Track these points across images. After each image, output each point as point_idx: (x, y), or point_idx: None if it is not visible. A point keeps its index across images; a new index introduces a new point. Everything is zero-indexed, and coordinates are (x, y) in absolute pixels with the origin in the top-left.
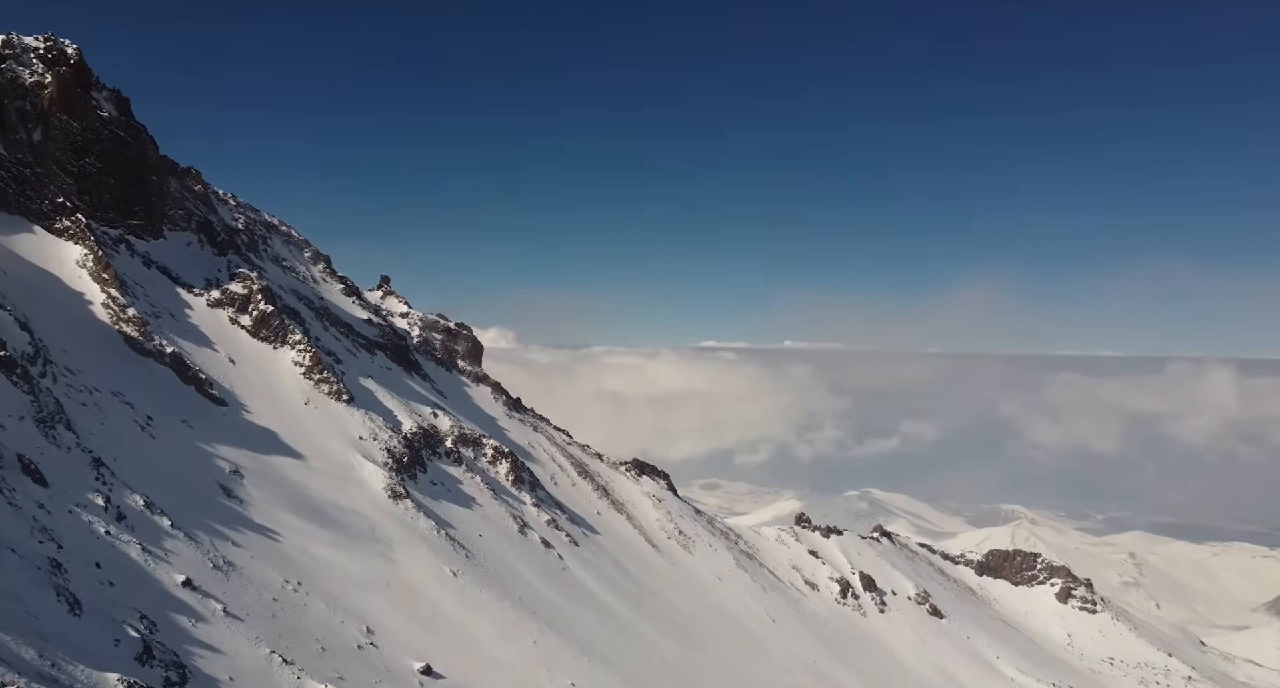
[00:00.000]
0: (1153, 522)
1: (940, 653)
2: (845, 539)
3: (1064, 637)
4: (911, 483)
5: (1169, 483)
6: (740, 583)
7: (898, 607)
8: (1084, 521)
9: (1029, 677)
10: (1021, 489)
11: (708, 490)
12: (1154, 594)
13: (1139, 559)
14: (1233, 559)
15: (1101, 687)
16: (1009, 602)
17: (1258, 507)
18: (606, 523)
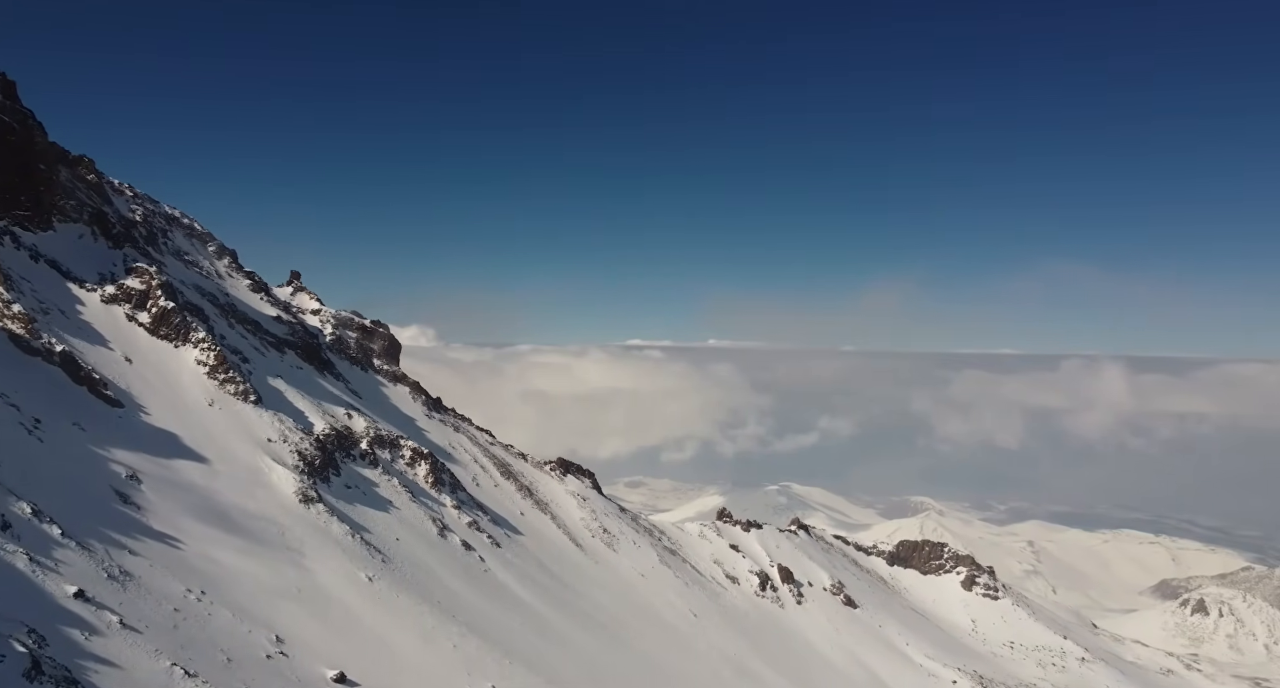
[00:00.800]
0: (1050, 511)
1: (854, 642)
2: (765, 533)
3: (968, 623)
4: (829, 477)
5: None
6: (663, 579)
7: (814, 598)
8: (987, 511)
9: (936, 662)
10: (931, 482)
11: (632, 488)
12: (1051, 580)
13: (1037, 547)
14: (1122, 546)
15: (1003, 670)
16: (918, 590)
17: (1144, 496)
18: (530, 524)
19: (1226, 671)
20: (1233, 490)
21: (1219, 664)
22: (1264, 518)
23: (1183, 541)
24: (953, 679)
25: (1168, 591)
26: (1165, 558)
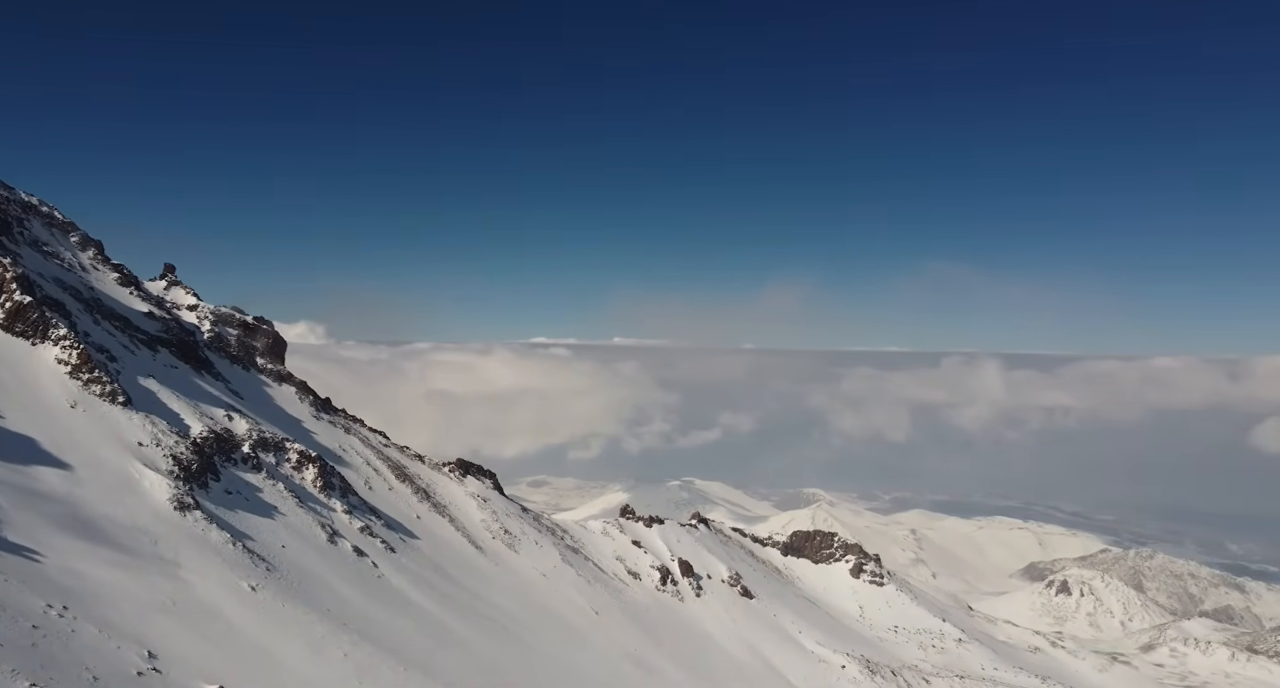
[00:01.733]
0: (931, 501)
1: (750, 632)
2: (666, 528)
3: (856, 609)
4: (730, 472)
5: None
6: (565, 578)
7: (712, 590)
8: (874, 501)
9: (826, 648)
10: (825, 474)
11: (535, 488)
12: (931, 566)
13: (919, 535)
14: (995, 532)
15: (887, 653)
16: (810, 579)
17: (1015, 484)
18: (427, 527)
19: (1087, 647)
20: (1091, 478)
21: (1080, 641)
22: (1119, 503)
23: (1048, 526)
24: (841, 664)
25: (1035, 573)
26: (1033, 542)
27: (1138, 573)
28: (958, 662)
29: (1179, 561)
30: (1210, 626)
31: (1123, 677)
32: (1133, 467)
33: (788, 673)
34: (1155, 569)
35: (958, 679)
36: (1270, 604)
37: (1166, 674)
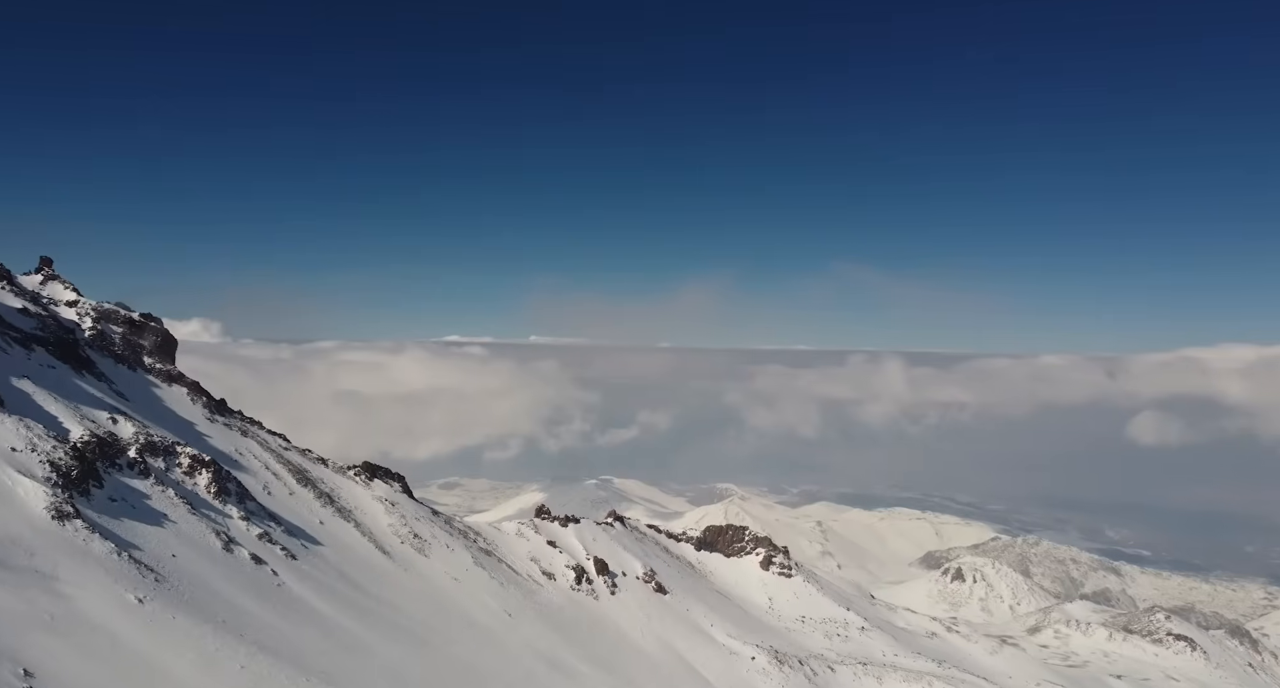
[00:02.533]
0: (837, 493)
1: (663, 627)
2: (582, 527)
3: (766, 601)
4: (648, 469)
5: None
6: (478, 581)
7: (627, 587)
8: (783, 495)
9: (737, 640)
10: (739, 470)
11: (447, 490)
12: (837, 557)
13: (825, 527)
14: (895, 523)
15: (795, 643)
16: (722, 573)
17: (914, 476)
18: (331, 533)
19: (980, 630)
20: (984, 470)
21: (973, 625)
22: (1009, 493)
23: (945, 516)
24: (751, 656)
25: (932, 561)
26: (930, 532)
27: (1025, 559)
28: (861, 650)
29: (1062, 547)
30: (1090, 608)
31: (1011, 658)
32: (1022, 459)
33: (700, 666)
34: (1041, 555)
35: (860, 667)
36: (1143, 586)
37: (1050, 655)
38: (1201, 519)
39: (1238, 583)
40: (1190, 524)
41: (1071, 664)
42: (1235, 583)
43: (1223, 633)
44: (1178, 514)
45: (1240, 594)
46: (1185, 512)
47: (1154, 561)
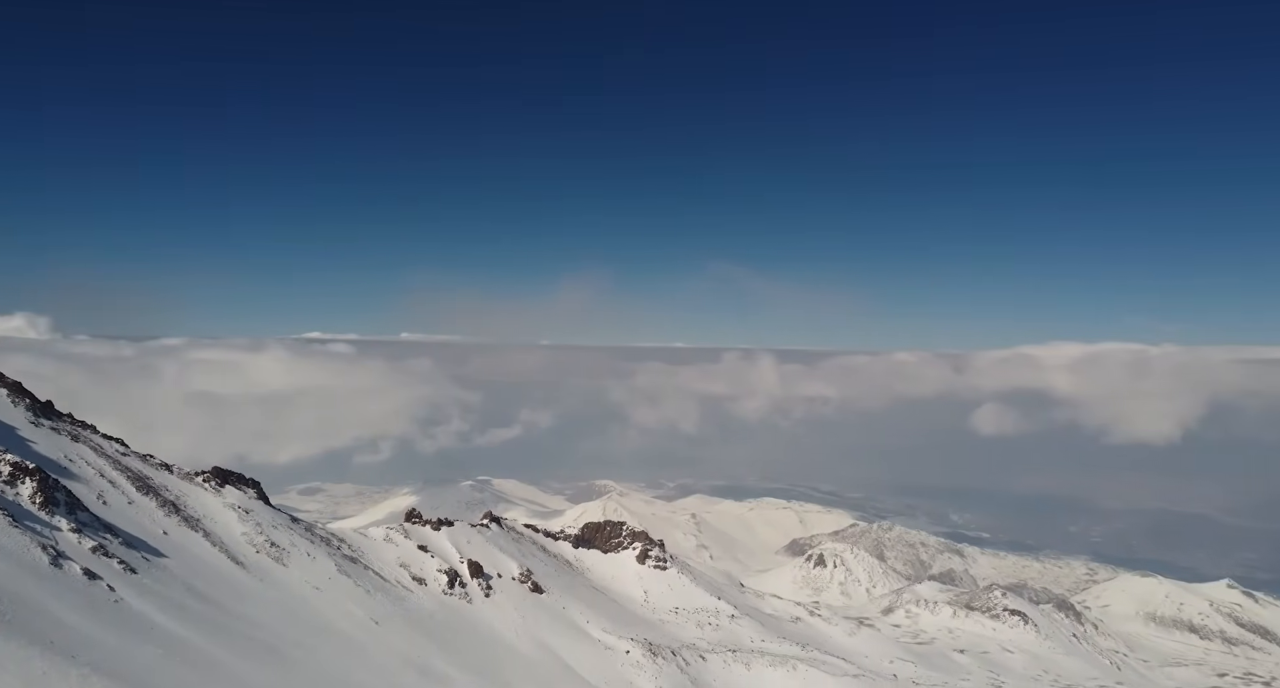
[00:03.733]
0: (711, 486)
1: (539, 627)
2: (456, 530)
3: (641, 594)
4: (530, 468)
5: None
6: (342, 590)
7: (502, 589)
8: (660, 489)
9: (612, 635)
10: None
11: (308, 496)
12: (710, 547)
13: (699, 519)
14: (764, 512)
15: (668, 634)
16: (599, 569)
17: (781, 467)
18: (176, 543)
19: (839, 613)
20: (845, 460)
21: (834, 608)
22: (866, 482)
23: (808, 504)
24: (626, 650)
25: (797, 548)
26: (795, 520)
27: (880, 544)
28: (731, 637)
29: (913, 531)
30: (937, 588)
31: (868, 638)
32: (878, 449)
33: (575, 664)
34: (894, 540)
35: (730, 654)
36: (983, 566)
37: (902, 633)
38: (1033, 503)
39: (1063, 560)
40: (1023, 507)
41: (921, 642)
42: (1061, 560)
43: (1051, 607)
44: (1013, 498)
45: (1065, 571)
46: (1019, 496)
47: (992, 542)
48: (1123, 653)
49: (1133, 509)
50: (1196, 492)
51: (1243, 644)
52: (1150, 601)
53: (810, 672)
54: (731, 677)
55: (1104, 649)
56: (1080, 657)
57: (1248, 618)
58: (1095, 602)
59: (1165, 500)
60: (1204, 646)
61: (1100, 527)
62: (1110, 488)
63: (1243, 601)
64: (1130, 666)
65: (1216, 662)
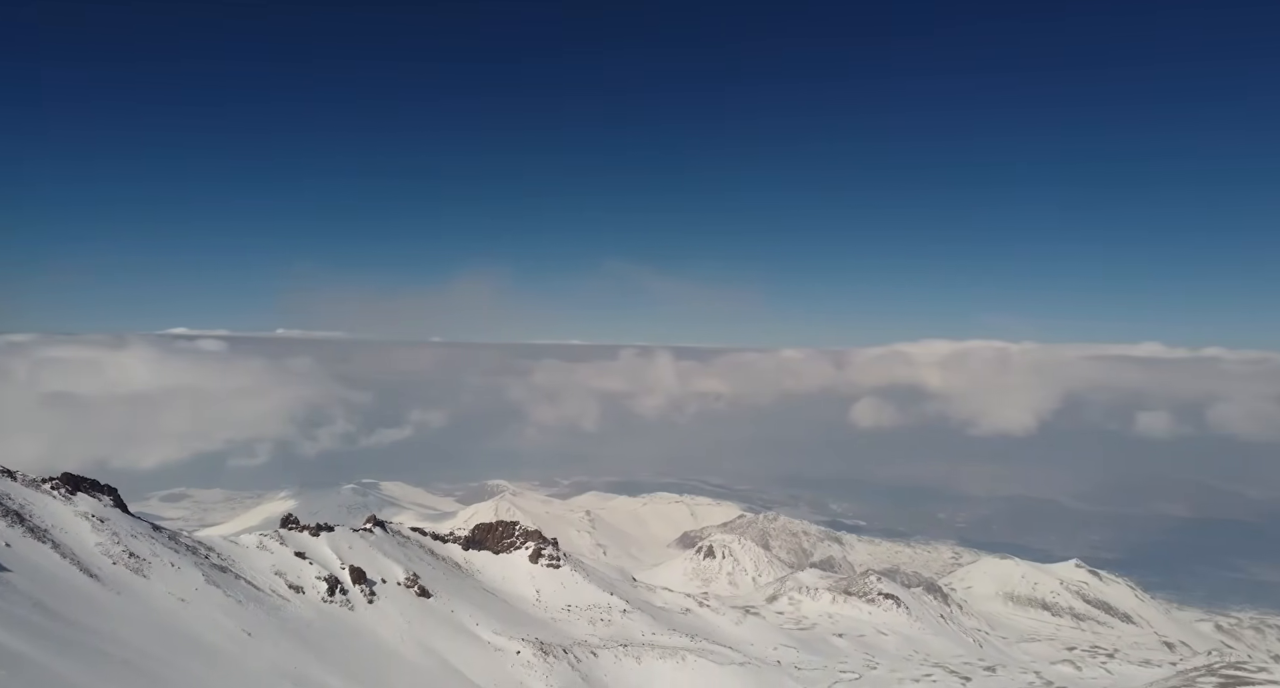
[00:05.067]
0: (606, 482)
1: (426, 631)
2: (336, 535)
3: (534, 594)
4: (421, 470)
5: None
6: (211, 601)
7: (387, 594)
8: (554, 487)
9: (503, 636)
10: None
11: (171, 503)
12: (604, 543)
13: (593, 515)
14: (656, 507)
15: (560, 632)
16: (490, 570)
17: (675, 462)
18: (21, 556)
19: (727, 603)
20: (734, 454)
21: (722, 598)
22: (753, 474)
23: (699, 497)
24: (516, 650)
25: (688, 541)
26: (686, 514)
27: (765, 534)
28: (622, 632)
29: (796, 521)
30: (817, 575)
31: (754, 626)
32: (765, 443)
33: (464, 667)
34: (779, 530)
35: (621, 649)
36: (860, 553)
37: (786, 620)
38: (906, 491)
39: (932, 545)
40: (897, 496)
41: (803, 628)
42: (930, 546)
43: (920, 590)
44: (887, 488)
45: (934, 555)
46: (893, 485)
47: (868, 529)
48: (985, 631)
49: (993, 496)
50: (1049, 479)
51: (1089, 620)
52: (1008, 581)
53: (699, 662)
54: (623, 672)
55: (968, 628)
56: (947, 636)
57: (1093, 595)
58: (960, 584)
59: (1022, 487)
60: (1056, 622)
61: (965, 513)
62: (974, 476)
63: (1089, 579)
64: (991, 643)
65: (1067, 636)
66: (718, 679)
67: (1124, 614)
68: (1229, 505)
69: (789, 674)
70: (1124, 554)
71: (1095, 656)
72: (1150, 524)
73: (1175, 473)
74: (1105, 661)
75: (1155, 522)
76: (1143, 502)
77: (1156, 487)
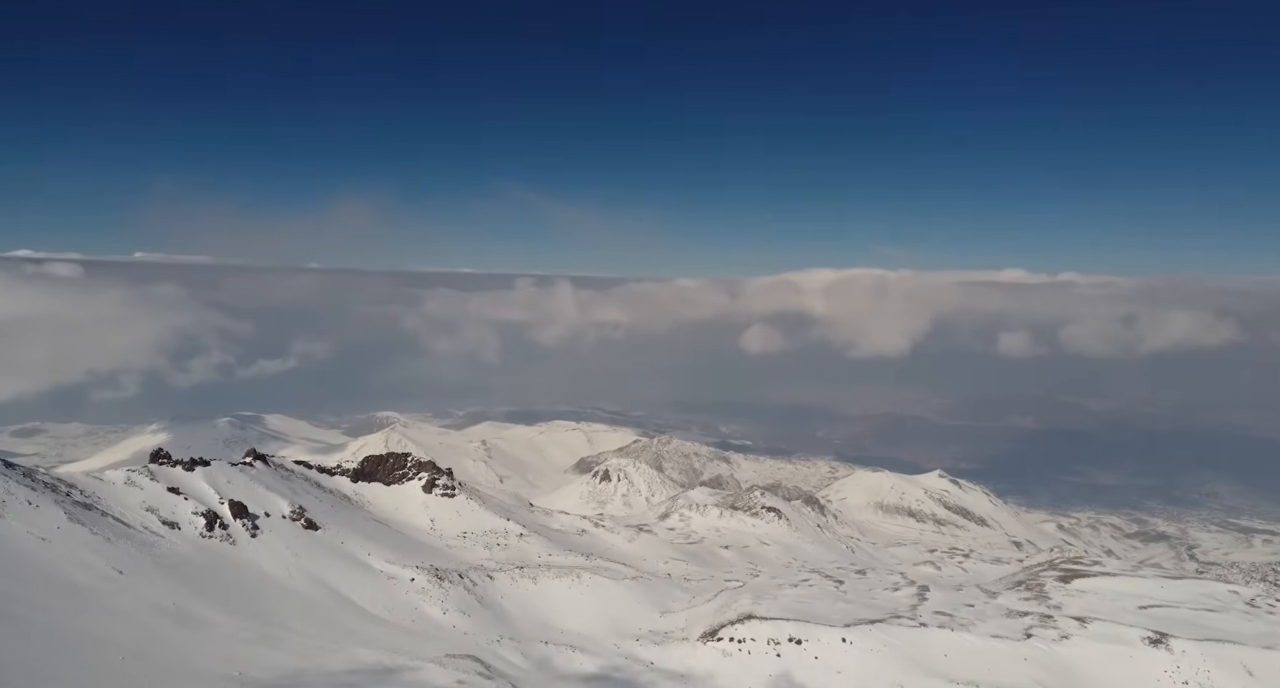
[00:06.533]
0: (502, 412)
1: (315, 563)
2: (213, 469)
3: (428, 523)
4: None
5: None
6: (76, 539)
7: (271, 528)
8: (448, 418)
9: (396, 565)
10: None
11: (24, 438)
12: (500, 472)
13: (489, 444)
14: (554, 435)
15: (456, 558)
16: (382, 502)
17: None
18: None
19: (622, 523)
20: (630, 381)
21: (617, 519)
22: (649, 401)
23: (595, 425)
24: (411, 577)
25: (585, 466)
26: (583, 440)
27: (659, 457)
28: (519, 555)
29: (688, 443)
30: (706, 492)
31: (646, 543)
32: (661, 370)
33: (357, 596)
34: (671, 452)
35: (517, 570)
36: (747, 471)
37: (676, 536)
38: (789, 412)
39: (812, 461)
40: (781, 417)
41: (692, 542)
42: (810, 461)
43: (800, 502)
44: (773, 409)
45: (813, 470)
46: (778, 407)
47: (755, 448)
48: (857, 538)
49: (868, 414)
50: (919, 397)
51: (949, 524)
52: (878, 492)
53: (594, 578)
54: (519, 592)
55: (842, 536)
56: (823, 544)
57: (953, 502)
58: (836, 496)
59: (895, 405)
60: (920, 527)
61: (842, 430)
62: (852, 396)
63: (950, 488)
64: (862, 548)
65: (930, 540)
66: (611, 594)
67: (979, 518)
68: (1073, 417)
69: (678, 586)
70: (981, 464)
71: (953, 556)
72: (1005, 436)
73: (1030, 389)
74: (962, 560)
75: (1009, 434)
76: (1000, 416)
77: (1012, 402)
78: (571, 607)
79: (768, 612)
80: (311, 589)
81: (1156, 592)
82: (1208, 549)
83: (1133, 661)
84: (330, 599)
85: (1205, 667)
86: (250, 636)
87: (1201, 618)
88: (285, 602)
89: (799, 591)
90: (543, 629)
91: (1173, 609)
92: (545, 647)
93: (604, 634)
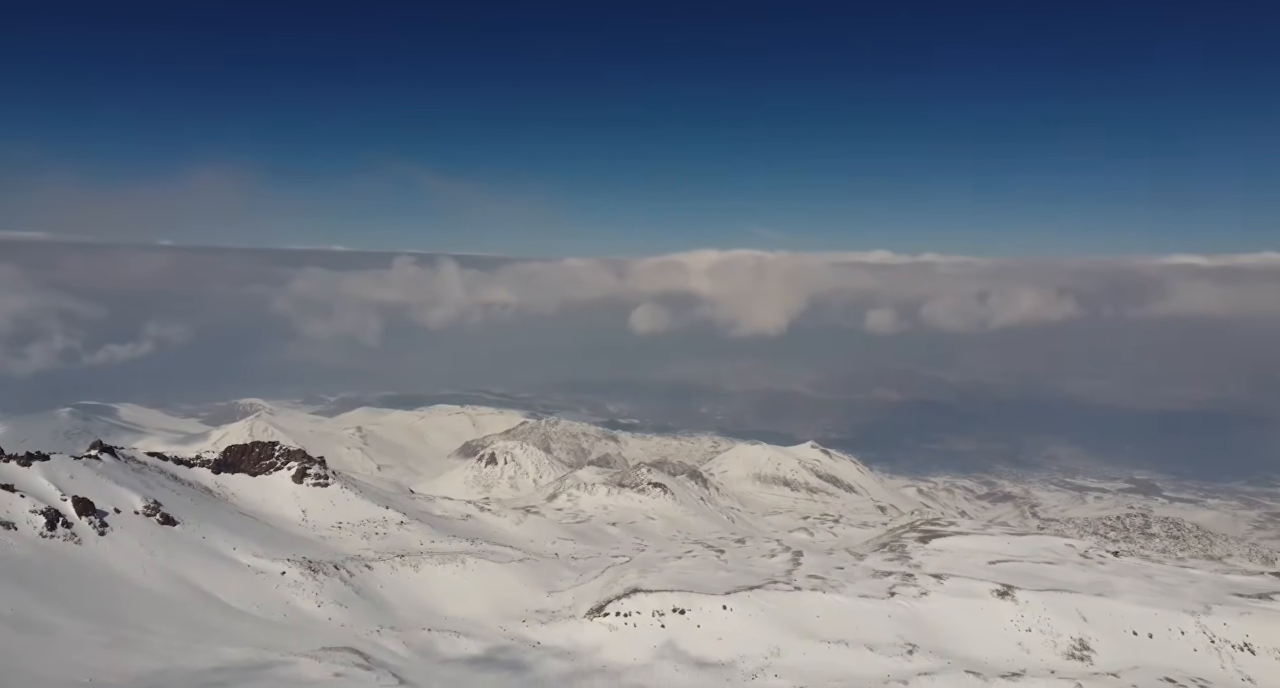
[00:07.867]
0: (380, 397)
1: (173, 561)
2: (53, 464)
3: (299, 514)
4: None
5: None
6: None
7: (122, 525)
8: (319, 405)
9: (265, 559)
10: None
11: None
12: (377, 459)
13: (365, 431)
14: (436, 419)
15: (330, 549)
16: (247, 493)
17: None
18: None
19: (509, 506)
20: (517, 363)
21: (504, 502)
22: (536, 382)
23: (481, 407)
24: (281, 571)
25: (469, 450)
26: (468, 424)
27: (547, 438)
28: (399, 543)
29: (576, 424)
30: (595, 471)
31: (534, 525)
32: (549, 351)
33: (220, 593)
34: (559, 433)
35: (398, 559)
36: (634, 449)
37: (564, 515)
38: (675, 390)
39: (695, 437)
40: (667, 395)
41: (580, 521)
42: (694, 437)
43: (684, 477)
44: (659, 388)
45: (696, 445)
46: (664, 385)
47: (641, 426)
48: (737, 509)
49: (748, 390)
50: (794, 372)
51: (821, 492)
52: (756, 463)
53: (479, 563)
54: (400, 581)
55: (723, 507)
56: (706, 516)
57: (825, 471)
58: (718, 469)
59: (772, 381)
60: (794, 496)
61: (724, 407)
62: (734, 373)
63: (821, 457)
64: (742, 518)
65: (803, 508)
66: (497, 577)
67: (848, 486)
68: (932, 389)
69: (565, 565)
70: (850, 434)
71: (825, 522)
72: (871, 408)
73: (894, 363)
74: (833, 526)
75: (876, 405)
76: (867, 389)
77: (878, 375)
78: (456, 593)
79: (652, 584)
80: (170, 588)
81: (1003, 548)
82: (1048, 507)
83: (983, 612)
84: (192, 597)
85: (1046, 614)
86: (102, 640)
87: (1042, 570)
88: (140, 602)
89: (682, 562)
90: (426, 617)
91: (1017, 563)
92: (428, 634)
93: (490, 618)
